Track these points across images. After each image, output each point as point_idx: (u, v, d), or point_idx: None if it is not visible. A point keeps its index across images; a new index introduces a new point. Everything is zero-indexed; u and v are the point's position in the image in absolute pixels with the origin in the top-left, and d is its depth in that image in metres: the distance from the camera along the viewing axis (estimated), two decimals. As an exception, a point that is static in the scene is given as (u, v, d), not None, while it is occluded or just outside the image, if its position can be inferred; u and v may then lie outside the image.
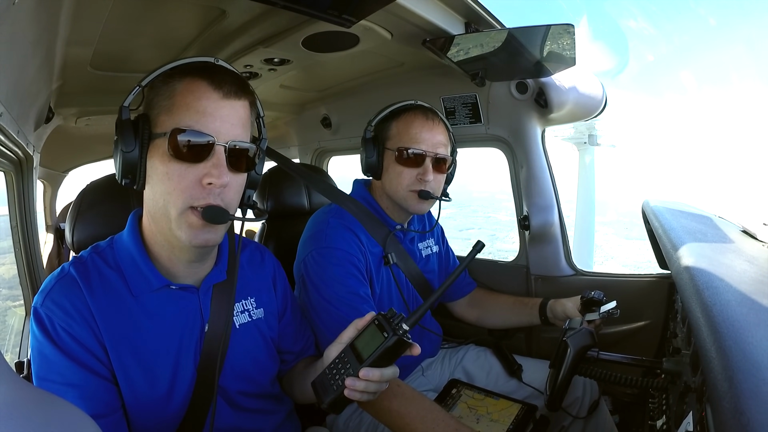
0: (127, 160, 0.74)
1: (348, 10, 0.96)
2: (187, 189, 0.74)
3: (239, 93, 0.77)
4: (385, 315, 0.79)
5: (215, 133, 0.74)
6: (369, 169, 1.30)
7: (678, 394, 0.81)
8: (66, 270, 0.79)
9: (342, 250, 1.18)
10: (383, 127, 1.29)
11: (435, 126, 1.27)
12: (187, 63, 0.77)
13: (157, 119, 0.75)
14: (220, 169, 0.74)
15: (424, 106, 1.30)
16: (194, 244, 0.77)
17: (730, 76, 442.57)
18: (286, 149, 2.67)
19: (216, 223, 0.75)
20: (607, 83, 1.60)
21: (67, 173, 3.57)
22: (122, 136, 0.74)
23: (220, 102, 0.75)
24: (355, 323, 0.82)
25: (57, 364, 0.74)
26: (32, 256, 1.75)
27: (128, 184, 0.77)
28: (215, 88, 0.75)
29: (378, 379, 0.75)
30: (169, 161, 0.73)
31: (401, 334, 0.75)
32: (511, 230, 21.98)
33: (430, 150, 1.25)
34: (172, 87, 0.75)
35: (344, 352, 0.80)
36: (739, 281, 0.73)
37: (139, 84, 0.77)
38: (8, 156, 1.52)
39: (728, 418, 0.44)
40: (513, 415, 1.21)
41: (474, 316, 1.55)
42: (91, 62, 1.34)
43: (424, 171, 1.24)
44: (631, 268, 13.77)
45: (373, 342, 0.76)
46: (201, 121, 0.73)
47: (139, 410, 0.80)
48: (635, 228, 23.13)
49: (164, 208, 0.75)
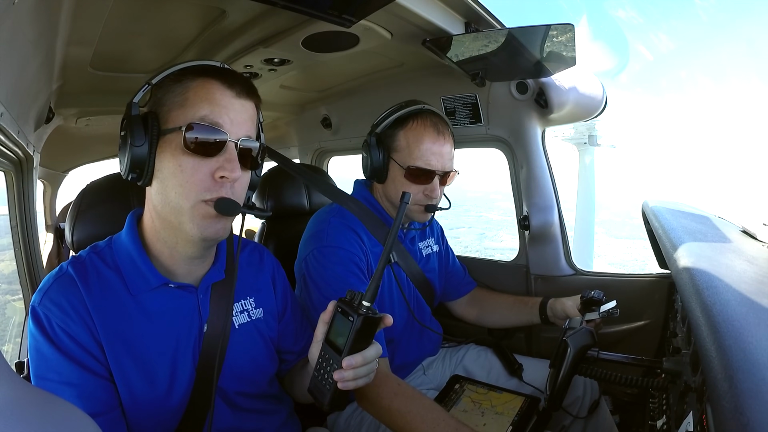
0: (136, 155, 0.75)
1: (348, 10, 0.96)
2: (201, 182, 0.75)
3: (249, 94, 0.80)
4: (344, 299, 0.78)
5: (229, 126, 0.76)
6: (373, 175, 1.27)
7: (678, 394, 0.81)
8: (64, 269, 0.79)
9: (344, 249, 1.18)
10: (389, 133, 1.25)
11: (445, 140, 1.24)
12: (199, 65, 0.80)
13: (168, 115, 0.77)
14: (233, 164, 0.76)
15: (432, 111, 1.26)
16: (205, 236, 0.78)
17: (729, 74, 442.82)
18: (286, 149, 2.67)
19: (228, 215, 0.77)
20: (607, 83, 1.60)
21: (67, 173, 3.58)
22: (131, 132, 0.75)
23: (233, 99, 0.78)
24: (322, 318, 0.82)
25: (54, 362, 0.74)
26: (32, 255, 1.75)
27: (134, 179, 0.78)
28: (228, 87, 0.77)
29: (362, 362, 0.74)
30: (182, 155, 0.75)
31: (364, 312, 0.74)
32: (501, 229, 22.14)
33: (440, 168, 1.23)
34: (186, 85, 0.77)
35: (323, 349, 0.79)
36: (738, 281, 0.73)
37: (149, 82, 0.79)
38: (8, 156, 1.52)
39: (728, 417, 0.45)
40: (517, 408, 1.21)
41: (474, 315, 1.55)
42: (91, 62, 1.34)
43: (432, 188, 1.23)
44: (617, 266, 13.86)
45: (344, 329, 0.75)
46: (215, 112, 0.75)
47: (137, 410, 0.80)
48: (626, 227, 23.32)
49: (175, 202, 0.76)
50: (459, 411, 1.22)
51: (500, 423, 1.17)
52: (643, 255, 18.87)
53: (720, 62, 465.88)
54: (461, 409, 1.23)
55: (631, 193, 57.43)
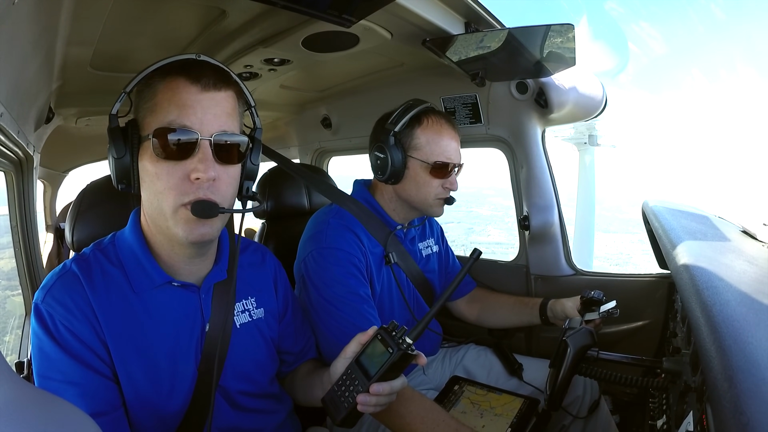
0: (120, 166, 0.76)
1: (348, 10, 0.96)
2: (177, 186, 0.74)
3: (219, 84, 0.77)
4: (386, 329, 0.80)
5: (198, 125, 0.74)
6: (392, 175, 1.25)
7: (678, 394, 0.81)
8: (68, 266, 0.79)
9: (342, 251, 1.18)
10: (405, 133, 1.25)
11: (457, 133, 1.30)
12: (167, 63, 0.77)
13: (143, 122, 0.76)
14: (206, 164, 0.74)
15: (438, 109, 1.30)
16: (191, 240, 0.77)
17: (729, 73, 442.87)
18: (286, 149, 2.66)
19: (204, 218, 0.75)
20: (607, 83, 1.61)
21: (67, 173, 3.57)
22: (113, 143, 0.76)
23: (199, 95, 0.75)
24: (358, 338, 0.84)
25: (57, 361, 0.74)
26: (32, 255, 1.75)
27: (125, 189, 0.79)
28: (192, 82, 0.75)
29: (389, 392, 0.77)
30: (157, 161, 0.74)
31: (405, 348, 0.76)
32: (489, 224, 22.15)
33: (457, 161, 1.27)
34: (154, 88, 0.76)
35: (350, 368, 0.81)
36: (738, 281, 0.73)
37: (124, 90, 0.77)
38: (8, 156, 1.52)
39: (728, 417, 0.45)
40: (516, 409, 1.21)
41: (474, 315, 1.55)
42: (91, 62, 1.34)
43: (452, 181, 1.27)
44: (601, 260, 13.95)
45: (379, 357, 0.78)
46: (182, 115, 0.73)
47: (141, 408, 0.80)
48: (615, 222, 23.46)
49: (159, 208, 0.76)
50: (458, 412, 1.22)
51: (499, 424, 1.17)
52: (629, 249, 19.01)
53: (720, 58, 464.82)
54: (460, 411, 1.23)
55: (624, 189, 57.63)
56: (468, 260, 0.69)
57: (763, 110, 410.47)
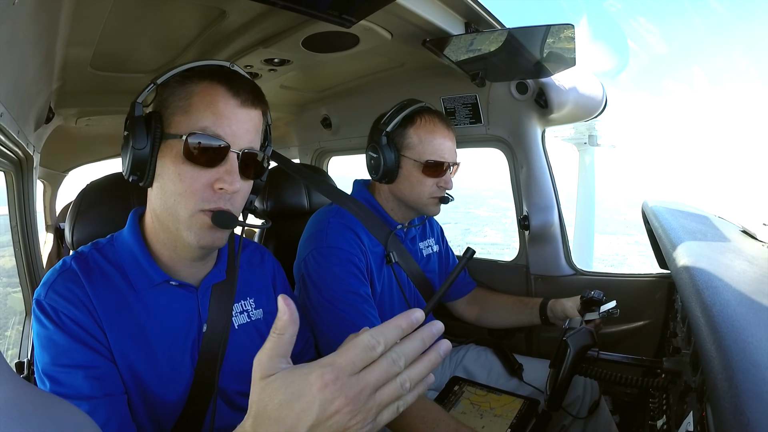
0: (138, 157, 0.75)
1: (348, 10, 0.96)
2: (199, 192, 0.74)
3: (255, 102, 0.78)
4: None
5: (231, 138, 0.75)
6: (386, 174, 1.26)
7: (678, 394, 0.81)
8: (68, 264, 0.80)
9: (343, 250, 1.18)
10: (399, 132, 1.26)
11: (452, 132, 1.29)
12: (205, 66, 0.78)
13: (171, 119, 0.76)
14: (233, 176, 0.75)
15: (435, 109, 1.31)
16: (201, 245, 0.77)
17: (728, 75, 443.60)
18: (286, 149, 2.66)
19: (225, 228, 0.76)
20: (607, 83, 1.61)
21: (67, 173, 3.57)
22: (134, 133, 0.74)
23: (237, 109, 0.76)
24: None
25: (65, 347, 0.74)
26: (32, 255, 1.75)
27: (135, 181, 0.78)
28: (233, 94, 0.75)
29: None
30: (182, 163, 0.74)
31: None
32: (486, 225, 22.26)
33: (451, 160, 1.27)
34: (190, 89, 0.75)
35: None
36: (738, 281, 0.73)
37: (154, 81, 0.77)
38: (8, 156, 1.52)
39: (728, 417, 0.44)
40: (516, 410, 1.21)
41: (474, 315, 1.55)
42: (91, 62, 1.34)
43: (446, 180, 1.26)
44: (596, 261, 14.02)
45: None
46: (218, 123, 0.74)
47: (140, 402, 0.80)
48: (612, 223, 23.54)
49: (173, 209, 0.76)
50: (458, 413, 1.22)
51: (499, 425, 1.17)
52: (624, 250, 19.04)
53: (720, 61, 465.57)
54: (460, 411, 1.23)
55: (623, 190, 57.53)
56: (461, 260, 0.69)
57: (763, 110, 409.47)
